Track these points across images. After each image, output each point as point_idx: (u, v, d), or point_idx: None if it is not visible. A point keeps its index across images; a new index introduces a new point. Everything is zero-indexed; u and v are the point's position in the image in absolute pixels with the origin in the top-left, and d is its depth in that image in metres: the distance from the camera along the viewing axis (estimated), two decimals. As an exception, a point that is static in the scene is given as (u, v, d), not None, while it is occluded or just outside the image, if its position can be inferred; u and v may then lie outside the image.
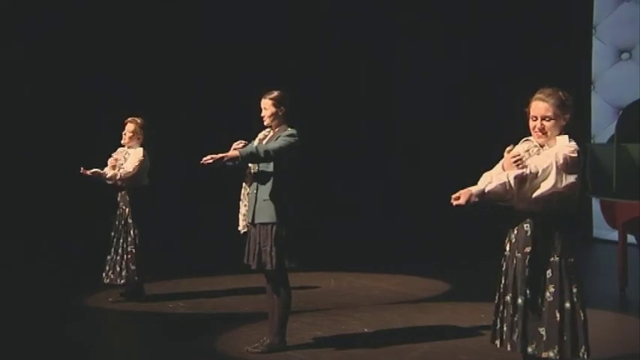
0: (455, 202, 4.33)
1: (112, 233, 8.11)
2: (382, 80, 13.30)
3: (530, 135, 4.62)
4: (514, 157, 4.43)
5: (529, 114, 4.60)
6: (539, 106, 4.54)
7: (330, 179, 12.66)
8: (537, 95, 4.58)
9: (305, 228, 6.18)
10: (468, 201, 4.29)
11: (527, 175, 4.37)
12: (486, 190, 4.36)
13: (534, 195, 4.40)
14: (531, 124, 4.58)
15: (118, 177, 7.99)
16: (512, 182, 4.35)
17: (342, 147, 12.80)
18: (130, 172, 7.98)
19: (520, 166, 4.40)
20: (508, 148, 4.58)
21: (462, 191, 4.33)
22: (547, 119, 4.51)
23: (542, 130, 4.53)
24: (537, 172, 4.39)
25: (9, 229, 11.06)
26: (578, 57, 12.09)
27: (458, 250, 11.05)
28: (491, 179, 4.44)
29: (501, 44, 12.24)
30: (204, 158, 6.00)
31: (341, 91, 12.88)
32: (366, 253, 11.22)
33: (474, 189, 4.37)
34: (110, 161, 8.06)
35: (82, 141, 11.06)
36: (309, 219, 6.60)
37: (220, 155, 5.97)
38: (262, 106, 6.21)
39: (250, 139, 6.31)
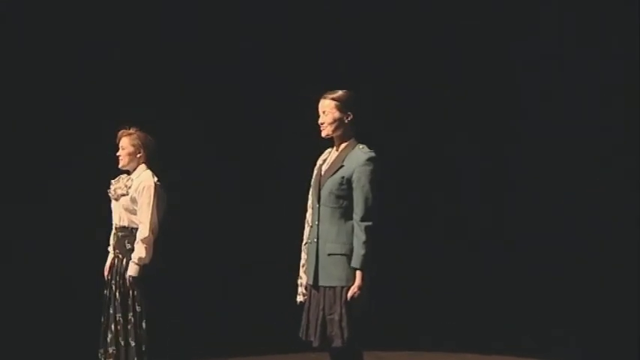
0: None
1: (105, 291, 7.59)
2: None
3: None
4: None
5: None
6: None
7: (416, 224, 11.91)
8: None
9: (386, 291, 6.03)
10: None
11: None
12: None
13: None
14: None
15: (144, 256, 7.28)
16: None
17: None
18: (150, 220, 7.28)
19: None
20: None
21: None
22: None
23: None
24: None
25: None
26: None
27: (603, 318, 10.18)
28: None
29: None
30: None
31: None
32: (470, 325, 10.79)
33: None
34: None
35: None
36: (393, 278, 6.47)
37: (354, 292, 5.86)
38: (321, 109, 6.08)
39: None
